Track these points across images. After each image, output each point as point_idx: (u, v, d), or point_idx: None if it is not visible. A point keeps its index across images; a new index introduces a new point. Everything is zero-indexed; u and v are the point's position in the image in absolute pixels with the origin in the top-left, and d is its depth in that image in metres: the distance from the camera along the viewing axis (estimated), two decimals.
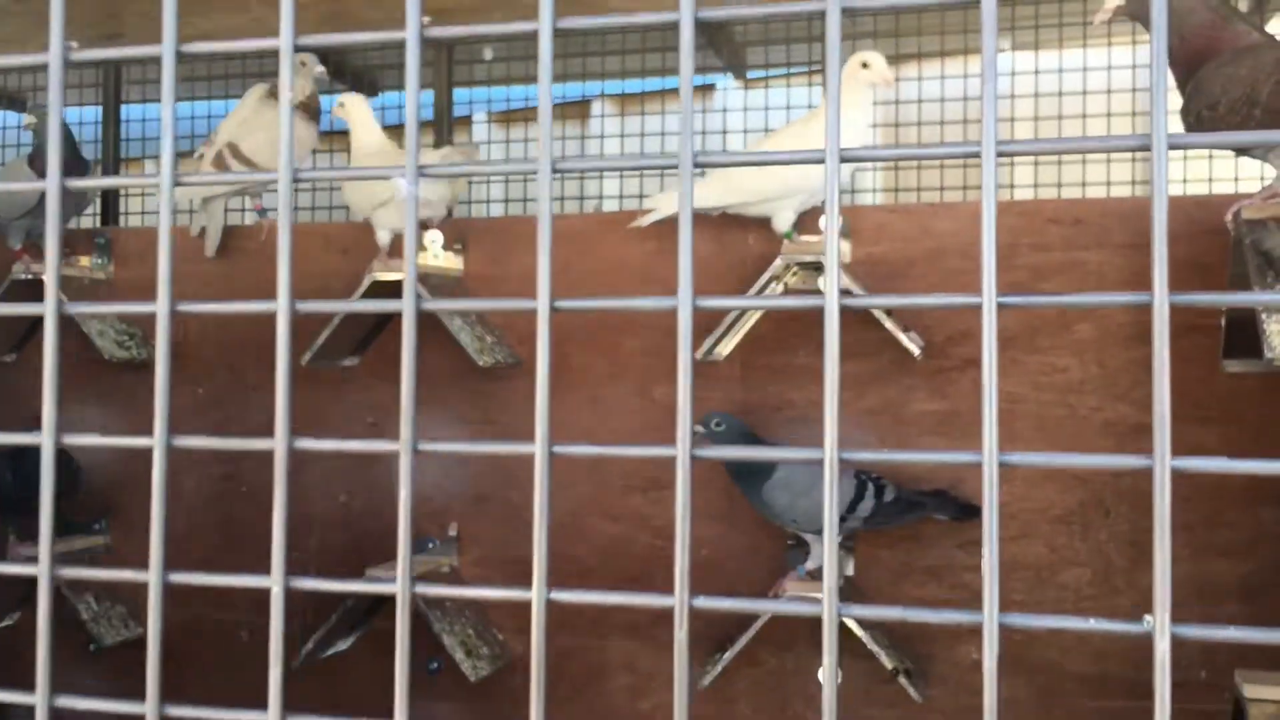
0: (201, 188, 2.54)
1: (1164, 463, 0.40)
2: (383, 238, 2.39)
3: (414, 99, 0.44)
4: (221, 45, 0.61)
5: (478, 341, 2.35)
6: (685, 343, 0.43)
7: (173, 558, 0.60)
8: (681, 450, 0.43)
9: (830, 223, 0.41)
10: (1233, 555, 2.14)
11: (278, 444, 0.49)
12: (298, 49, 0.51)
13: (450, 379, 2.48)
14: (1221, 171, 2.34)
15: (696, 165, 0.42)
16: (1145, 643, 1.70)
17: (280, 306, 0.48)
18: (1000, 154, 0.39)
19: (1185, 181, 2.47)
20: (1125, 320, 2.16)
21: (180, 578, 0.61)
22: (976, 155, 0.39)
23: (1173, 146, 0.39)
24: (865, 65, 2.09)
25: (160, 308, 0.60)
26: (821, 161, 0.40)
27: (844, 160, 0.40)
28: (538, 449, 0.46)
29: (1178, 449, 1.77)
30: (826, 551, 0.42)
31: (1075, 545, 2.19)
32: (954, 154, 0.41)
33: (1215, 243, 2.05)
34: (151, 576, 0.58)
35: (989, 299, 0.39)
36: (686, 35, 0.41)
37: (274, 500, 0.50)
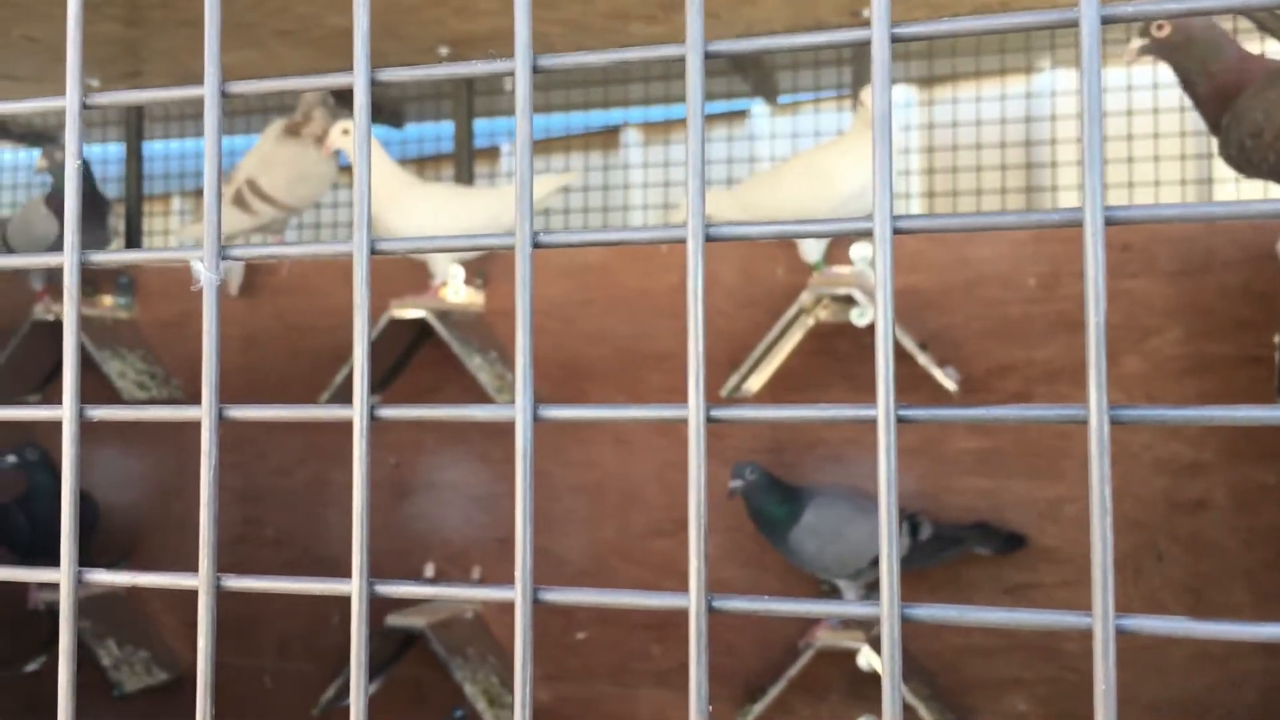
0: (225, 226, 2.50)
1: (1107, 621, 0.31)
2: (440, 267, 2.31)
3: (214, 162, 0.37)
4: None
5: (497, 380, 2.27)
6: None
7: (193, 602, 0.52)
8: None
9: (693, 294, 0.32)
10: None
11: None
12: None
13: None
14: None
15: (536, 245, 0.34)
16: (1202, 693, 1.55)
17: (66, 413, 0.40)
18: (897, 230, 0.30)
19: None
20: (1176, 354, 2.04)
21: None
22: (868, 233, 0.31)
23: (1110, 222, 0.30)
24: None
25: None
26: (682, 240, 0.32)
27: (710, 239, 0.32)
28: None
29: (1235, 486, 1.63)
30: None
31: (1128, 592, 2.06)
32: (846, 230, 0.32)
33: (1269, 268, 1.93)
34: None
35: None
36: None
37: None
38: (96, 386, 2.54)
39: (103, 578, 0.40)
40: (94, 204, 2.41)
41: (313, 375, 2.46)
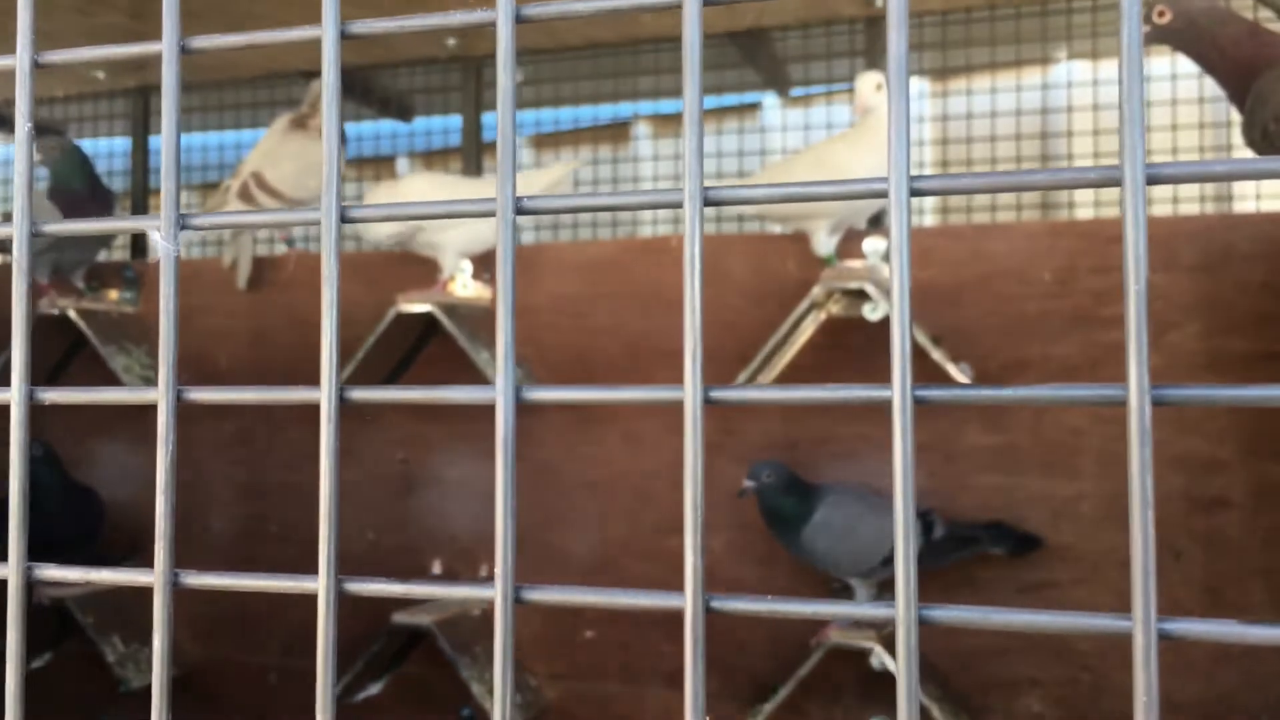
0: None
1: (1150, 628, 0.29)
2: (449, 262, 2.29)
3: (172, 137, 0.34)
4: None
5: None
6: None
7: (198, 599, 0.49)
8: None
9: (689, 259, 0.29)
10: None
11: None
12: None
13: (480, 413, 2.39)
14: None
15: (519, 211, 0.31)
16: (1223, 693, 1.52)
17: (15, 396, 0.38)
18: (914, 192, 0.27)
19: (1259, 198, 2.30)
20: (1195, 349, 2.00)
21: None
22: (882, 194, 0.28)
23: (1152, 180, 0.27)
24: (880, 86, 1.98)
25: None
26: (678, 205, 0.29)
27: (709, 203, 0.29)
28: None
29: (1253, 483, 1.59)
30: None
31: None
32: (858, 193, 0.30)
33: None
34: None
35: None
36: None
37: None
38: (103, 381, 2.52)
39: (52, 573, 0.37)
40: (97, 196, 2.39)
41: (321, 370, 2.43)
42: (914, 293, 1.90)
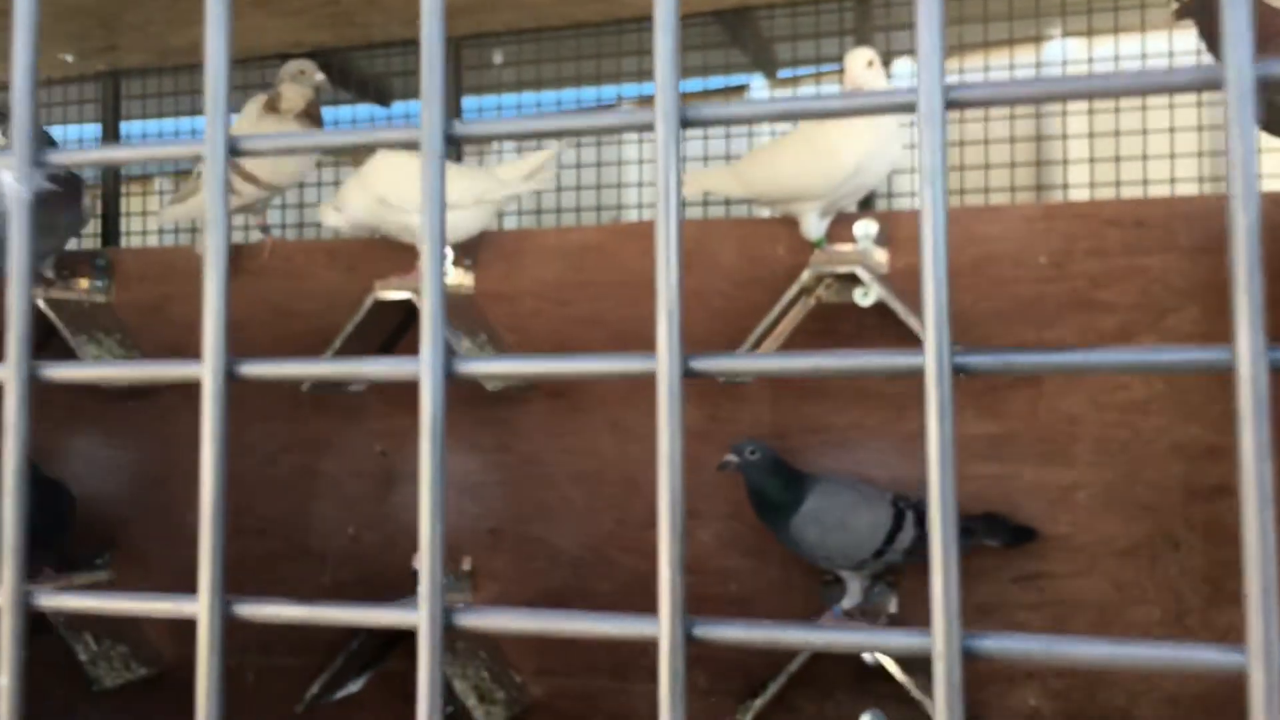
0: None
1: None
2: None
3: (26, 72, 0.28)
4: None
5: None
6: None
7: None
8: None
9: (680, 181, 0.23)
10: None
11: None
12: None
13: (463, 405, 2.32)
14: None
15: (451, 140, 0.25)
16: (1224, 686, 1.45)
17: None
18: (950, 103, 0.22)
19: (1263, 177, 2.25)
20: (1194, 331, 1.95)
21: None
22: (911, 107, 0.22)
23: (1263, 79, 0.22)
24: (871, 64, 1.93)
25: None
26: (649, 126, 0.24)
27: (686, 124, 0.23)
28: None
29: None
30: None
31: (1143, 581, 1.98)
32: (883, 105, 0.24)
33: None
34: None
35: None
36: None
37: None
38: None
39: None
40: (66, 182, 2.32)
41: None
42: (905, 277, 1.84)
